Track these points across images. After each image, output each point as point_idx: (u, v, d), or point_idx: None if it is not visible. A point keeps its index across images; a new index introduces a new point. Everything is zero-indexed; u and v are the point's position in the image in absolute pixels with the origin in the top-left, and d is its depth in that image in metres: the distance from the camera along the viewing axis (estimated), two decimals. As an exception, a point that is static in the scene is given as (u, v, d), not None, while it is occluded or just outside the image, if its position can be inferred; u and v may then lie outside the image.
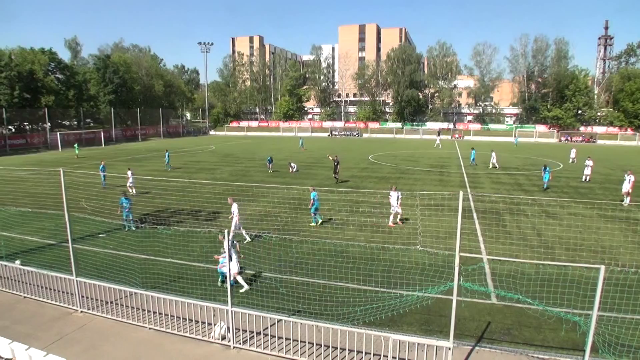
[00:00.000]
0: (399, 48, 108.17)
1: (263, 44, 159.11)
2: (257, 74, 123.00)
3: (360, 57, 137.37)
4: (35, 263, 13.30)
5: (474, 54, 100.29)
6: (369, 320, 10.08)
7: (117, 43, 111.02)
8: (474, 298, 11.54)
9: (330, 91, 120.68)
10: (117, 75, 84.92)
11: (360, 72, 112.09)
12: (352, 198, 25.54)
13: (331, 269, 12.90)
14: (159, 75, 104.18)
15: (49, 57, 78.18)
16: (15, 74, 66.65)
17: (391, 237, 17.43)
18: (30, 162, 46.49)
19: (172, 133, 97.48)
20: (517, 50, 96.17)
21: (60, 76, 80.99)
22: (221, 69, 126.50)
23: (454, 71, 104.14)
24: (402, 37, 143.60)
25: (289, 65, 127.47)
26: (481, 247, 16.61)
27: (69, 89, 79.91)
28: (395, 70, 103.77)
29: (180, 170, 37.72)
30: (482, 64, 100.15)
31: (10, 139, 63.98)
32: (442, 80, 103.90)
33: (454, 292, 8.23)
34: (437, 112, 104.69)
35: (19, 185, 30.25)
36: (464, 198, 8.31)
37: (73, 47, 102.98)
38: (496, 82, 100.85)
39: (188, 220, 20.25)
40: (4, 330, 10.10)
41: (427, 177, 33.84)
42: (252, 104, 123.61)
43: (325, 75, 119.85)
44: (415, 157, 46.30)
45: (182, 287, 12.19)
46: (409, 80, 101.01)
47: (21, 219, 19.07)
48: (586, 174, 32.59)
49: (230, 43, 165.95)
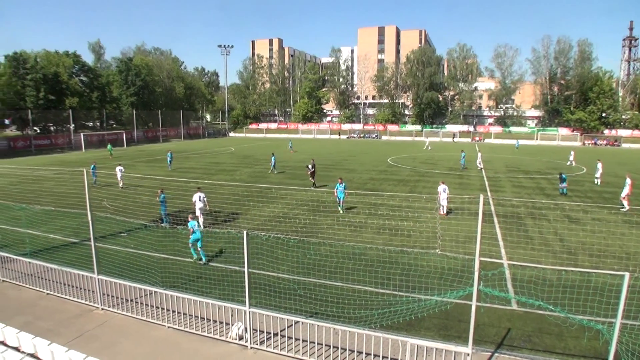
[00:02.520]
0: (418, 50, 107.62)
1: (282, 47, 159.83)
2: (277, 77, 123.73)
3: (379, 59, 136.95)
4: (58, 260, 13.55)
5: (494, 55, 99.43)
6: (387, 324, 10.01)
7: (139, 46, 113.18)
8: (493, 304, 11.37)
9: (349, 93, 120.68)
10: (139, 78, 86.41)
11: (379, 74, 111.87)
12: (370, 201, 25.45)
13: (349, 271, 12.86)
14: (179, 77, 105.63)
15: (73, 60, 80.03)
16: (41, 76, 68.32)
17: (410, 241, 17.30)
18: (54, 162, 47.53)
19: (193, 134, 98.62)
20: (539, 52, 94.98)
21: (84, 78, 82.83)
22: (241, 71, 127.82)
23: (475, 73, 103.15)
24: (421, 39, 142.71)
25: (308, 68, 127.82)
26: (502, 252, 16.37)
27: (93, 91, 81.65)
28: (415, 72, 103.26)
29: (200, 171, 38.11)
30: (503, 65, 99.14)
31: (35, 140, 65.68)
32: (462, 82, 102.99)
33: (473, 297, 8.13)
34: (457, 114, 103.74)
35: (44, 185, 30.95)
36: (485, 202, 8.19)
37: (96, 50, 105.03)
38: (518, 84, 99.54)
39: (207, 221, 20.42)
40: (27, 325, 10.32)
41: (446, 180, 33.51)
42: (271, 106, 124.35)
43: (344, 78, 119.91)
44: (434, 159, 45.97)
45: (201, 286, 12.29)
46: (428, 83, 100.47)
47: (45, 217, 19.45)
48: (596, 177, 32.24)
49: (250, 46, 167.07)
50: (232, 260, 14.15)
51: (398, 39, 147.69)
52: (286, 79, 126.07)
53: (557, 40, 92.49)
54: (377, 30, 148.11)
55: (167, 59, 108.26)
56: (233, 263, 13.46)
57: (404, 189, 29.44)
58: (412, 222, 19.75)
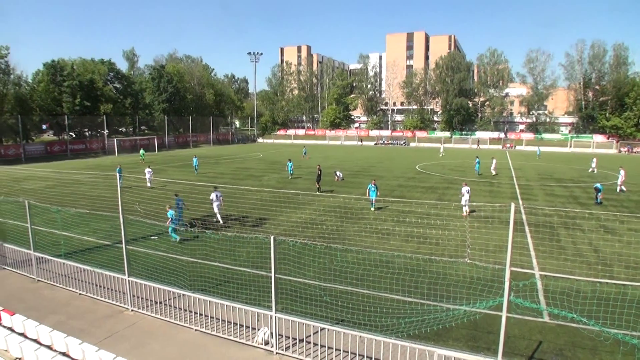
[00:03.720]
0: (448, 56, 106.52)
1: (311, 54, 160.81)
2: (305, 83, 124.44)
3: (408, 66, 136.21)
4: (91, 262, 13.91)
5: (526, 60, 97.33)
6: (414, 333, 9.88)
7: (171, 54, 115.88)
8: (524, 315, 11.07)
9: (377, 100, 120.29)
10: (171, 85, 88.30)
11: (407, 81, 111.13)
12: (398, 208, 25.23)
13: (376, 279, 12.77)
14: (210, 84, 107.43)
15: (108, 68, 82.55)
16: (77, 83, 70.65)
17: (438, 249, 17.07)
18: (88, 166, 48.95)
19: (222, 140, 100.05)
20: (572, 57, 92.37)
21: (118, 85, 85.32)
22: (270, 78, 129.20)
23: (506, 79, 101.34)
24: (451, 45, 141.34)
25: (336, 74, 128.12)
26: (533, 262, 15.97)
27: (126, 98, 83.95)
28: (444, 78, 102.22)
29: (229, 177, 38.58)
30: (535, 71, 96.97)
31: (71, 144, 67.99)
32: (492, 88, 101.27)
33: (503, 308, 7.94)
34: (487, 121, 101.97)
35: (78, 188, 31.90)
36: (516, 210, 8.01)
37: (130, 57, 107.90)
38: (550, 90, 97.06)
39: (235, 226, 20.63)
40: (60, 325, 10.61)
41: (476, 187, 32.94)
42: (299, 113, 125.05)
43: (372, 84, 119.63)
44: (464, 166, 45.31)
45: (228, 290, 12.39)
46: (458, 89, 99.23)
47: (79, 220, 20.03)
48: (617, 183, 31.62)
49: (279, 53, 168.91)
50: (259, 265, 14.24)
51: (427, 44, 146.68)
52: (314, 85, 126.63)
53: (592, 44, 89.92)
54: (406, 36, 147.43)
55: (197, 66, 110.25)
56: (260, 268, 13.54)
57: (432, 197, 29.09)
58: (440, 230, 19.49)
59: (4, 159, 56.72)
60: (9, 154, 59.20)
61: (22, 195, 23.91)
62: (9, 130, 62.65)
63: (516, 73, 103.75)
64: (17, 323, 9.65)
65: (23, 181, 36.58)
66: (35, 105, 67.98)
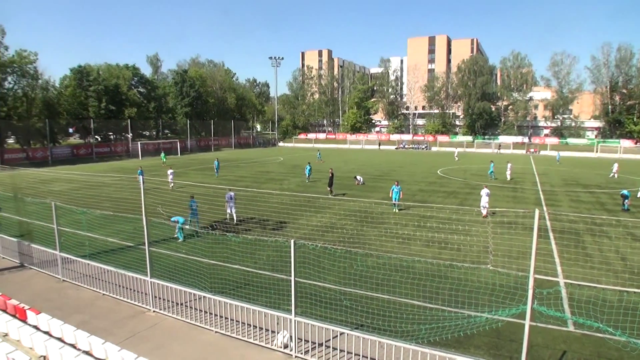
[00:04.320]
0: (470, 59, 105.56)
1: (332, 58, 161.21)
2: (326, 87, 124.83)
3: (429, 69, 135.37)
4: (115, 263, 14.14)
5: (551, 64, 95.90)
6: (434, 339, 9.76)
7: (193, 58, 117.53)
8: (548, 324, 10.82)
9: (398, 104, 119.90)
10: (193, 89, 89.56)
11: (429, 84, 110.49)
12: (419, 213, 25.02)
13: (396, 284, 12.65)
14: (231, 88, 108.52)
15: (133, 72, 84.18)
16: (103, 87, 72.27)
17: (459, 255, 16.85)
18: (113, 169, 49.90)
19: (243, 144, 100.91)
20: (598, 60, 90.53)
21: (142, 90, 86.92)
22: (291, 82, 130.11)
23: (530, 82, 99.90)
24: (473, 48, 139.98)
25: (357, 78, 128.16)
26: (558, 269, 15.63)
27: (150, 102, 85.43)
28: (466, 82, 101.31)
29: (250, 180, 38.85)
30: (560, 74, 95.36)
31: (96, 147, 69.52)
32: (516, 92, 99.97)
33: (526, 316, 7.79)
34: (510, 125, 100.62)
35: (103, 190, 32.52)
36: (540, 216, 7.86)
37: (154, 62, 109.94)
38: (576, 94, 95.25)
39: (256, 229, 20.73)
40: (83, 324, 10.81)
41: (499, 193, 32.46)
42: (320, 117, 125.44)
43: (393, 88, 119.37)
44: (485, 171, 44.61)
45: (248, 293, 12.45)
46: (480, 92, 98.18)
47: (104, 221, 20.40)
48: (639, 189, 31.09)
49: (300, 57, 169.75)
50: (278, 268, 14.26)
51: (449, 48, 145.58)
52: (335, 89, 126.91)
53: (618, 47, 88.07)
54: (428, 40, 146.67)
55: (219, 71, 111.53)
56: (280, 271, 13.55)
57: (454, 201, 28.78)
58: (462, 235, 19.27)
59: (32, 161, 58.22)
60: (37, 157, 60.78)
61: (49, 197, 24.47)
62: (37, 133, 64.29)
63: (540, 76, 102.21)
64: (43, 322, 9.86)
65: (50, 183, 37.47)
66: (62, 110, 69.67)
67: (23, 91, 63.38)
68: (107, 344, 8.54)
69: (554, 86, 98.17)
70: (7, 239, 17.20)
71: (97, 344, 8.60)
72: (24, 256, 16.34)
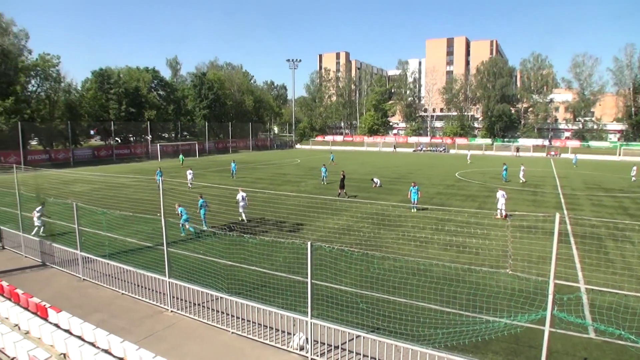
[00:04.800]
0: (489, 61, 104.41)
1: (349, 60, 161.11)
2: (343, 89, 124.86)
3: (448, 71, 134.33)
4: (133, 263, 14.33)
5: (572, 65, 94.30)
6: (451, 344, 9.66)
7: (212, 61, 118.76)
8: (568, 330, 10.60)
9: (416, 106, 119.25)
10: (212, 92, 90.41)
11: (447, 86, 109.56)
12: (437, 216, 24.80)
13: (413, 287, 12.55)
14: (249, 91, 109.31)
15: (152, 75, 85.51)
16: (123, 90, 73.56)
17: (478, 259, 16.66)
18: (133, 170, 50.61)
19: (260, 146, 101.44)
20: (621, 61, 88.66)
21: (161, 92, 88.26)
22: (308, 84, 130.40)
23: (550, 84, 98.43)
24: (492, 50, 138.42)
25: (375, 80, 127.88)
26: (579, 275, 15.33)
27: (169, 104, 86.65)
28: (485, 84, 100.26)
29: (267, 182, 39.02)
30: (581, 76, 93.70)
31: (116, 149, 70.69)
32: (536, 94, 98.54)
33: (546, 322, 7.66)
34: (530, 127, 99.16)
35: (122, 191, 32.98)
36: (561, 220, 7.72)
37: (173, 65, 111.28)
38: (598, 96, 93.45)
39: (273, 231, 20.79)
40: (103, 323, 10.98)
41: (519, 196, 32.01)
42: (337, 119, 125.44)
43: (411, 90, 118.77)
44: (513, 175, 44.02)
45: (264, 294, 12.49)
46: (500, 95, 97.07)
47: (123, 221, 20.69)
48: None
49: (317, 59, 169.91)
50: (295, 270, 14.27)
51: (468, 50, 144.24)
52: (352, 91, 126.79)
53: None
54: (446, 41, 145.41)
55: (237, 74, 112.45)
56: (296, 273, 13.57)
57: (472, 205, 28.47)
58: (480, 239, 19.03)
59: (55, 162, 59.39)
60: (59, 158, 61.98)
61: (71, 197, 24.93)
62: (59, 135, 65.65)
63: (561, 78, 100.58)
64: (63, 320, 10.04)
65: (71, 184, 38.18)
66: (84, 112, 71.09)
67: (46, 94, 64.81)
68: (125, 342, 8.67)
69: (575, 88, 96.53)
70: (30, 239, 17.57)
71: (115, 342, 8.73)
72: (46, 255, 16.67)
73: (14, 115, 55.22)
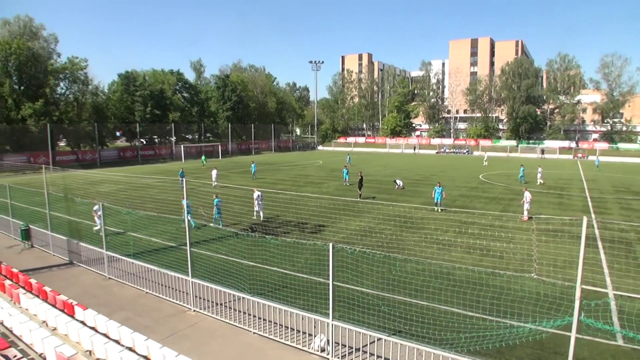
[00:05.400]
0: (514, 61, 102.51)
1: (372, 61, 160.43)
2: (365, 91, 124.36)
3: (471, 72, 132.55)
4: (157, 262, 14.56)
5: (601, 66, 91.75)
6: (474, 349, 9.51)
7: (235, 63, 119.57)
8: (595, 337, 10.34)
9: (439, 107, 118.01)
10: (235, 94, 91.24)
11: (471, 88, 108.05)
12: (460, 219, 24.50)
13: (435, 290, 12.43)
14: (272, 93, 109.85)
15: (177, 78, 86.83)
16: (148, 92, 74.85)
17: (502, 262, 16.39)
18: (157, 171, 51.45)
19: (283, 147, 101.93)
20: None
21: (185, 94, 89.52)
22: (330, 86, 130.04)
23: (578, 85, 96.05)
24: (518, 50, 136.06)
25: (398, 82, 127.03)
26: (607, 280, 14.95)
27: (193, 106, 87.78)
28: (510, 85, 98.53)
29: (289, 183, 39.17)
30: (610, 76, 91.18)
31: (142, 150, 71.98)
32: (563, 95, 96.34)
33: (573, 328, 7.48)
34: (557, 129, 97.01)
35: (147, 192, 33.54)
36: (588, 224, 7.54)
37: (197, 68, 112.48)
38: (627, 97, 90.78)
39: (294, 232, 20.85)
40: (127, 321, 11.18)
41: (544, 199, 31.39)
42: (359, 120, 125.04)
43: (434, 91, 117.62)
44: (531, 177, 43.28)
45: (286, 295, 12.53)
46: (525, 96, 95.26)
47: (148, 222, 21.04)
48: None
49: (340, 61, 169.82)
50: (316, 271, 14.29)
51: (492, 50, 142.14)
52: (375, 93, 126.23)
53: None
54: (470, 42, 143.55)
55: (260, 76, 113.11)
56: (318, 274, 13.59)
57: (496, 208, 28.03)
58: (505, 242, 18.74)
59: (82, 163, 60.84)
60: (86, 159, 63.46)
61: (97, 198, 25.46)
62: (86, 136, 67.17)
63: (589, 79, 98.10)
64: (89, 317, 10.26)
65: (98, 184, 39.02)
66: (110, 114, 72.63)
67: (74, 96, 66.35)
68: (149, 340, 8.81)
69: (603, 89, 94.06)
70: (58, 237, 18.00)
71: (139, 340, 8.88)
72: (73, 254, 17.07)
73: (44, 117, 56.77)
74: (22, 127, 57.15)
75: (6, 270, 13.90)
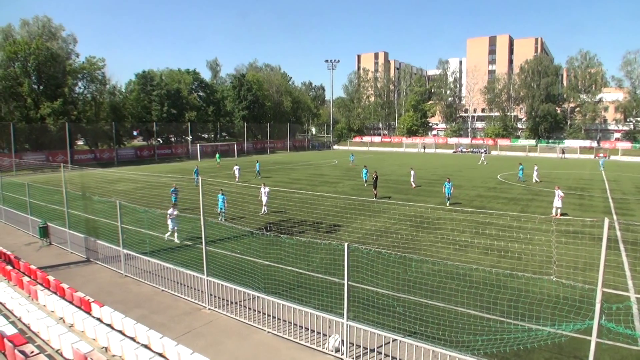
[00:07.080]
0: (534, 59, 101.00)
1: (388, 60, 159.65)
2: (382, 90, 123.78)
3: (489, 70, 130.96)
4: (173, 260, 14.64)
5: (623, 63, 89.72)
6: (491, 352, 9.35)
7: (251, 63, 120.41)
8: (617, 341, 10.06)
9: (456, 106, 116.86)
10: (251, 93, 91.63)
11: (489, 86, 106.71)
12: (477, 219, 24.18)
13: (451, 292, 12.25)
14: (287, 92, 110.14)
15: (193, 77, 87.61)
16: (165, 92, 75.65)
17: (520, 264, 16.11)
18: (174, 170, 51.90)
19: (298, 147, 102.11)
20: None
21: (201, 94, 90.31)
22: (346, 85, 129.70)
23: (599, 83, 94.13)
24: (537, 48, 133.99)
25: (414, 80, 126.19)
26: (629, 283, 14.57)
27: (209, 106, 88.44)
28: (530, 83, 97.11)
29: (304, 182, 39.17)
30: (633, 74, 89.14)
31: (158, 149, 72.83)
32: (584, 93, 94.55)
33: (593, 332, 7.29)
34: (577, 128, 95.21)
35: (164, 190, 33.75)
36: (610, 226, 7.33)
37: (213, 67, 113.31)
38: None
39: (309, 231, 20.81)
40: (143, 318, 11.25)
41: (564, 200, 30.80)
42: (375, 120, 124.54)
43: (451, 90, 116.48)
44: (550, 177, 42.55)
45: (300, 295, 12.48)
46: (545, 94, 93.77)
47: (164, 220, 21.16)
48: None
49: (356, 60, 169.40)
50: (331, 271, 14.21)
51: (511, 48, 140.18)
52: (391, 92, 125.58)
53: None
54: (488, 40, 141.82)
55: (276, 75, 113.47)
56: (333, 274, 13.49)
57: (514, 208, 27.59)
58: (523, 243, 18.44)
59: (99, 161, 61.70)
60: (104, 158, 64.40)
61: (114, 196, 25.75)
62: (104, 135, 68.18)
63: (611, 77, 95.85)
64: (106, 314, 10.34)
65: (115, 183, 39.51)
66: (127, 113, 73.64)
67: (92, 96, 67.46)
68: (164, 338, 8.84)
69: (626, 87, 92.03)
70: (76, 235, 18.23)
71: (155, 338, 8.92)
72: (90, 251, 17.27)
73: (62, 116, 57.81)
74: (41, 126, 58.25)
75: (24, 267, 14.10)
